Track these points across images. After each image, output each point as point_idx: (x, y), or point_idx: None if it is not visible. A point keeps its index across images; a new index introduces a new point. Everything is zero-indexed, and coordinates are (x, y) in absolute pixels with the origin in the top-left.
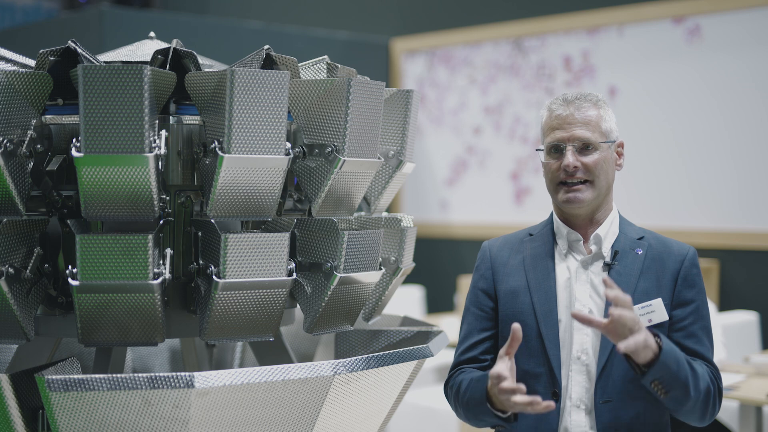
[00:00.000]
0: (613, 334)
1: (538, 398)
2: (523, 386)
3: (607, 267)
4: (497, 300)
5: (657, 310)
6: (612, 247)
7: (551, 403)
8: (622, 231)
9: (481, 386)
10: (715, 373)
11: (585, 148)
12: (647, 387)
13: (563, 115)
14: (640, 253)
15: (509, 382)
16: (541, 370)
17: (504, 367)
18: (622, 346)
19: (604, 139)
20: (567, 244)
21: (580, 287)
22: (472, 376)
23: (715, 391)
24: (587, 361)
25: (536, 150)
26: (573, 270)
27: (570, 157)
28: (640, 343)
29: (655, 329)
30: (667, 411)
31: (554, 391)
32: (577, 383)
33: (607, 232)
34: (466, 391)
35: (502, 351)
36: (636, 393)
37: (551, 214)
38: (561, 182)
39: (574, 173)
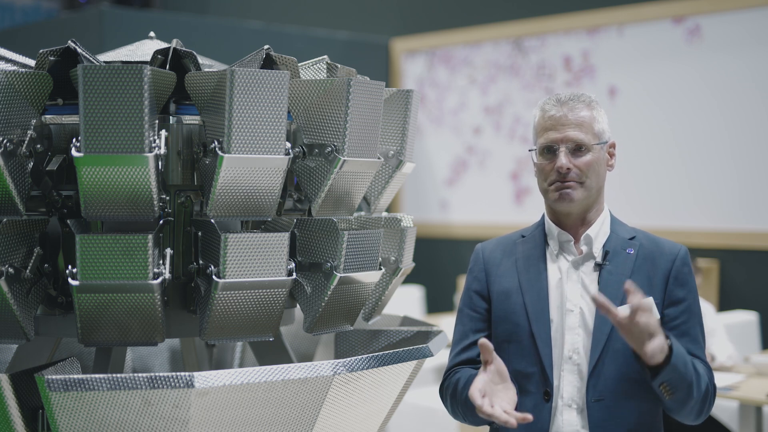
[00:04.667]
0: (630, 335)
1: (512, 420)
2: (499, 410)
3: (598, 267)
4: (490, 301)
5: None
6: (603, 247)
7: (527, 416)
8: (613, 231)
9: None
10: (709, 373)
11: (578, 149)
12: (655, 389)
13: (556, 116)
14: (631, 252)
15: (488, 407)
16: (533, 370)
17: (482, 383)
18: (649, 349)
19: (596, 141)
20: (558, 245)
21: (571, 287)
22: (469, 374)
23: (712, 391)
24: (578, 361)
25: (529, 151)
26: (564, 270)
27: (563, 159)
28: (658, 347)
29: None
30: (660, 410)
31: (546, 391)
32: (569, 383)
33: (598, 232)
34: (464, 389)
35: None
36: (628, 391)
37: (543, 216)
38: (553, 182)
39: (567, 174)
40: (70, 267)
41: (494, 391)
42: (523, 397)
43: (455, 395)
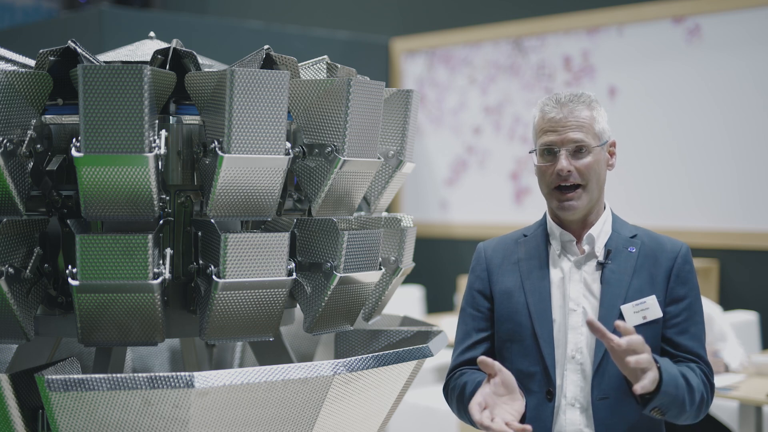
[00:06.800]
0: (621, 366)
1: (509, 431)
2: (498, 422)
3: (601, 266)
4: (493, 300)
5: (651, 308)
6: (605, 246)
7: (527, 427)
8: (615, 230)
9: None
10: (707, 372)
11: (578, 151)
12: (646, 413)
13: (556, 117)
14: (633, 251)
15: (486, 421)
16: (536, 369)
17: (482, 396)
18: (639, 387)
19: (597, 142)
20: (560, 245)
21: (573, 287)
22: (475, 378)
23: (707, 395)
24: (582, 360)
25: (529, 152)
26: (566, 270)
27: (563, 162)
28: (649, 382)
29: (648, 326)
30: None
31: (549, 390)
32: (572, 382)
33: (600, 231)
34: (471, 397)
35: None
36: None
37: (544, 215)
38: (555, 188)
39: (567, 177)
40: (70, 267)
41: (497, 402)
42: (526, 396)
43: (462, 400)
